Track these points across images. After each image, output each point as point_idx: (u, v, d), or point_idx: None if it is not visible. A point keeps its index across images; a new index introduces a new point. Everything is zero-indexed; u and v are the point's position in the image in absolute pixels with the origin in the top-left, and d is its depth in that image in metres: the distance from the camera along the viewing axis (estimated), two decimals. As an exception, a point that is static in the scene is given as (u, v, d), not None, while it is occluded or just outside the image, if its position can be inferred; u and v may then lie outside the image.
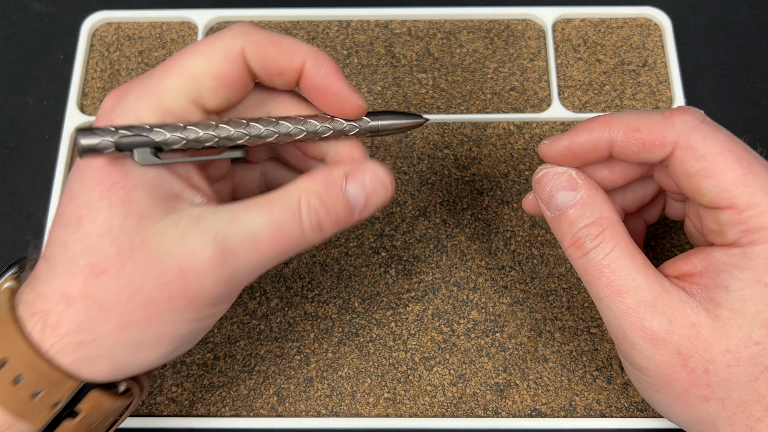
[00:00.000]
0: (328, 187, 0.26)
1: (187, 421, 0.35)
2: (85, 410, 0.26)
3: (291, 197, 0.26)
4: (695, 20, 0.44)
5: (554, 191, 0.29)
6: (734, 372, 0.26)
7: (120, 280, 0.24)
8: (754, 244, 0.26)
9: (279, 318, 0.37)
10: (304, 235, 0.26)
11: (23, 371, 0.25)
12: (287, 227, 0.26)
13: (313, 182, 0.26)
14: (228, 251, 0.25)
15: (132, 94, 0.26)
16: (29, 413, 0.25)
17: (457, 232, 0.39)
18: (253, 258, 0.25)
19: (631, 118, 0.28)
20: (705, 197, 0.27)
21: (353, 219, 0.27)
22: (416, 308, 0.37)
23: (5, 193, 0.41)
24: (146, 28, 0.45)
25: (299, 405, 0.35)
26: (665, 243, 0.38)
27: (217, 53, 0.26)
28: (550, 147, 0.29)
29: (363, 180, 0.27)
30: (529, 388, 0.35)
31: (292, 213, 0.26)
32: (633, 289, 0.27)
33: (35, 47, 0.44)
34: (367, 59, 0.43)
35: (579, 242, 0.28)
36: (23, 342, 0.25)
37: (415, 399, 0.35)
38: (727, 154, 0.26)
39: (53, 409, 0.25)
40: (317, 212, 0.26)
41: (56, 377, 0.25)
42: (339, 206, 0.27)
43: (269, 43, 0.27)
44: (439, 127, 0.41)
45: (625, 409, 0.35)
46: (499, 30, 0.44)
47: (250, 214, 0.25)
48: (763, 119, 0.42)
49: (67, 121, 0.42)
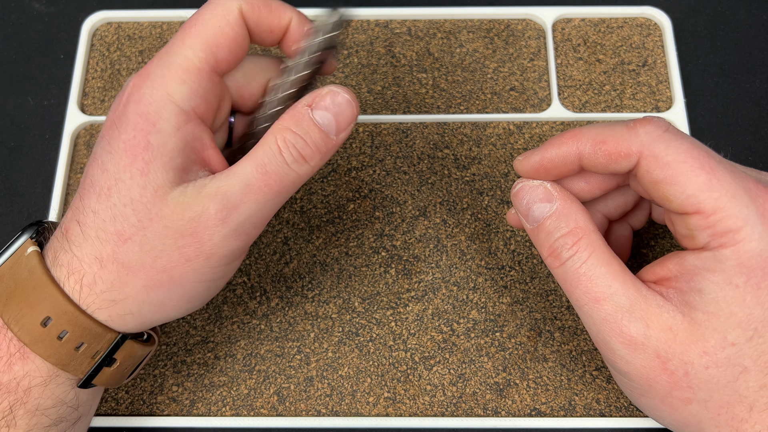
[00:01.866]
0: (297, 120, 0.28)
1: (187, 420, 0.35)
2: (120, 358, 0.30)
3: (269, 141, 0.28)
4: (695, 20, 0.44)
5: (531, 203, 0.30)
6: (713, 373, 0.27)
7: (143, 246, 0.27)
8: (723, 247, 0.26)
9: (279, 317, 0.37)
10: (292, 170, 0.28)
11: (67, 327, 0.27)
12: (273, 167, 0.28)
13: (283, 121, 0.28)
14: (229, 205, 0.27)
15: (156, 71, 0.28)
16: (73, 364, 0.28)
17: (457, 232, 0.39)
18: (252, 204, 0.28)
19: (598, 132, 0.29)
20: (673, 203, 0.27)
21: (332, 143, 0.29)
22: (416, 308, 0.37)
23: (5, 193, 0.41)
24: (146, 27, 0.45)
25: (299, 404, 0.35)
26: (665, 243, 0.38)
27: (223, 17, 0.29)
28: (524, 162, 0.31)
29: (325, 104, 0.28)
30: (528, 388, 0.35)
31: (273, 153, 0.28)
32: (610, 296, 0.28)
33: (35, 47, 0.44)
34: (367, 59, 0.43)
35: (556, 252, 0.29)
36: (65, 301, 0.27)
37: (415, 398, 0.35)
38: (690, 161, 0.27)
39: (94, 359, 0.29)
40: (295, 145, 0.28)
41: (98, 331, 0.28)
42: (313, 134, 0.28)
43: (262, 3, 0.30)
44: (439, 127, 0.41)
45: (624, 408, 0.35)
46: (499, 30, 0.44)
47: (240, 167, 0.28)
48: (763, 119, 0.42)
49: (67, 121, 0.42)
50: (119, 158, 0.27)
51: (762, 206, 0.26)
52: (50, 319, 0.27)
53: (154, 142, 0.27)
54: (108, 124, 0.29)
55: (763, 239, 0.26)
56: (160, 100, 0.28)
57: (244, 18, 0.29)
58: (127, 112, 0.28)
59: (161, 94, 0.28)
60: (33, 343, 0.27)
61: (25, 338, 0.27)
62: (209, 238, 0.27)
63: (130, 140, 0.27)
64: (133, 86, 0.28)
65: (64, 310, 0.27)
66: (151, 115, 0.28)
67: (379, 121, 0.41)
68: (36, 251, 0.29)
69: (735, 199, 0.26)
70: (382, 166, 0.40)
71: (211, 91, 0.29)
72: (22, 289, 0.28)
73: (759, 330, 0.26)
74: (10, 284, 0.28)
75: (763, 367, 0.26)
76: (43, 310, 0.27)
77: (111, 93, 0.43)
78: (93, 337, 0.28)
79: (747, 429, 0.27)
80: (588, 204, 0.33)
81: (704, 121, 0.42)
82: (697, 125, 0.41)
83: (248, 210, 0.28)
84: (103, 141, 0.28)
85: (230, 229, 0.28)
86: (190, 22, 0.29)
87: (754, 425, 0.27)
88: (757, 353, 0.26)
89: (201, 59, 0.28)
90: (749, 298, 0.26)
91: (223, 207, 0.27)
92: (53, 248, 0.29)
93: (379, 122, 0.41)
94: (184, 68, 0.28)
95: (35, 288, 0.28)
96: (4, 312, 0.28)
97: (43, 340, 0.27)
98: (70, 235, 0.28)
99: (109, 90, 0.43)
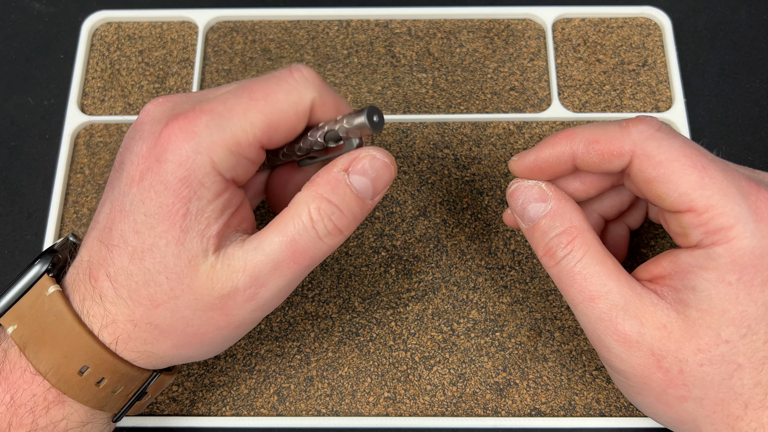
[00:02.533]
0: (334, 188, 0.27)
1: (187, 420, 0.35)
2: (151, 391, 0.30)
3: (300, 211, 0.27)
4: (695, 20, 0.44)
5: (526, 203, 0.30)
6: (708, 371, 0.27)
7: (174, 313, 0.27)
8: (715, 245, 0.26)
9: (279, 317, 0.37)
10: (324, 243, 0.27)
11: (105, 375, 0.28)
12: (304, 242, 0.27)
13: (317, 188, 0.27)
14: (257, 282, 0.27)
15: (205, 133, 0.26)
16: (109, 405, 0.29)
17: (457, 232, 0.39)
18: (281, 280, 0.27)
19: (591, 131, 0.29)
20: (665, 202, 0.27)
21: (367, 208, 0.28)
22: (416, 308, 0.37)
23: (5, 193, 0.41)
24: (146, 27, 0.45)
25: (299, 404, 0.35)
26: (665, 243, 0.38)
27: (294, 105, 0.28)
28: (518, 162, 0.31)
29: (364, 167, 0.28)
30: (528, 388, 0.35)
31: (305, 227, 0.27)
32: (604, 294, 0.28)
33: (35, 47, 0.44)
34: (367, 59, 0.43)
35: (551, 251, 0.29)
36: (103, 350, 0.27)
37: (415, 398, 0.35)
38: (682, 159, 0.27)
39: (128, 397, 0.29)
40: (331, 217, 0.27)
41: (135, 374, 0.29)
42: (350, 202, 0.27)
43: (332, 103, 0.29)
44: (439, 127, 0.41)
45: (624, 408, 0.35)
46: (499, 30, 0.44)
47: (267, 240, 0.27)
48: (762, 119, 0.42)
49: (67, 121, 0.42)
50: (156, 223, 0.26)
51: (754, 204, 0.26)
52: (87, 368, 0.27)
53: (193, 210, 0.26)
54: (136, 171, 0.27)
55: (756, 236, 0.26)
56: (203, 167, 0.26)
57: (312, 110, 0.28)
58: (164, 173, 0.26)
59: (206, 160, 0.26)
60: (71, 392, 0.28)
61: (63, 387, 0.27)
62: (238, 311, 0.28)
63: (169, 206, 0.26)
64: (175, 140, 0.26)
65: (102, 359, 0.27)
66: (194, 183, 0.26)
67: (379, 121, 0.41)
68: (58, 291, 0.28)
69: (727, 196, 0.26)
70: (382, 166, 0.40)
71: (255, 163, 0.28)
72: (51, 336, 0.27)
73: (752, 327, 0.26)
74: (35, 328, 0.28)
75: (758, 364, 0.27)
76: (80, 360, 0.27)
77: (111, 93, 0.43)
78: (130, 380, 0.29)
79: (743, 426, 0.27)
80: (584, 204, 0.33)
81: (704, 121, 0.42)
82: (697, 125, 0.41)
83: (276, 287, 0.27)
84: (133, 191, 0.27)
85: (258, 305, 0.28)
86: (261, 91, 0.27)
87: (750, 422, 0.27)
88: (751, 350, 0.26)
89: (256, 137, 0.27)
90: (742, 296, 0.26)
91: (251, 284, 0.27)
92: (80, 293, 0.28)
93: (379, 122, 0.41)
94: (237, 141, 0.27)
95: (68, 336, 0.27)
96: (38, 362, 0.27)
97: (82, 388, 0.28)
98: (100, 288, 0.27)
99: (109, 90, 0.43)
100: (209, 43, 0.44)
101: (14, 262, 0.39)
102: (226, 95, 0.28)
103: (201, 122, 0.27)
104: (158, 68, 0.43)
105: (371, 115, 0.27)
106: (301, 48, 0.43)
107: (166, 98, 0.29)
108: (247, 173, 0.28)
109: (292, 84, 0.28)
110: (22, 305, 0.28)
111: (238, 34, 0.44)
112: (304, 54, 0.43)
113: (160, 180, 0.26)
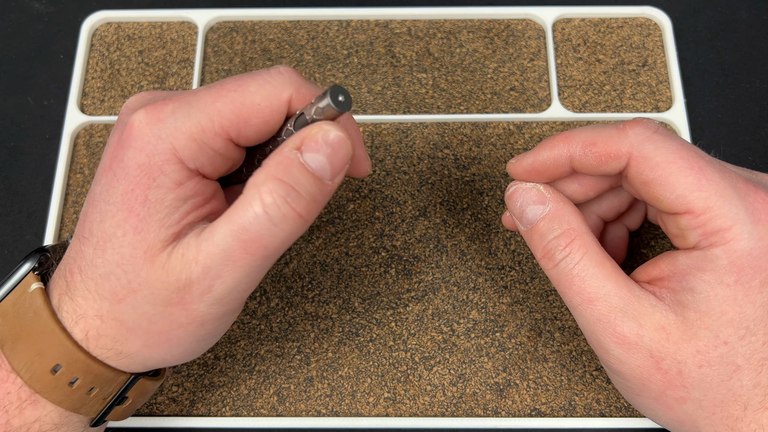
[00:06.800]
0: (286, 168, 0.24)
1: (187, 420, 0.35)
2: (132, 396, 0.29)
3: (251, 197, 0.24)
4: (695, 20, 0.44)
5: (524, 206, 0.30)
6: (707, 372, 0.27)
7: (135, 309, 0.26)
8: (713, 246, 0.26)
9: (279, 318, 0.37)
10: (280, 229, 0.24)
11: (78, 374, 0.27)
12: (256, 230, 0.24)
13: (268, 168, 0.25)
14: (210, 274, 0.25)
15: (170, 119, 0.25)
16: (85, 407, 0.28)
17: (457, 232, 0.39)
18: (236, 272, 0.25)
19: (588, 134, 0.29)
20: (663, 204, 0.27)
21: (327, 189, 0.25)
22: (416, 308, 0.37)
23: (5, 193, 0.41)
24: (146, 27, 0.45)
25: (299, 405, 0.35)
26: (665, 244, 0.38)
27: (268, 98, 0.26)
28: (516, 165, 0.31)
29: (317, 144, 0.25)
30: (528, 388, 0.35)
31: (256, 214, 0.24)
32: (603, 296, 0.28)
33: (35, 47, 0.44)
34: (367, 59, 0.43)
35: (549, 253, 0.29)
36: (75, 348, 0.27)
37: (415, 399, 0.35)
38: (679, 161, 0.27)
39: (105, 401, 0.28)
40: (286, 199, 0.24)
41: (110, 376, 0.27)
42: (306, 182, 0.25)
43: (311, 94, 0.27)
44: (439, 127, 0.41)
45: (624, 408, 0.35)
46: (499, 30, 0.44)
47: (217, 230, 0.25)
48: (763, 119, 0.42)
49: (67, 121, 0.42)
50: (116, 211, 0.25)
51: (751, 205, 0.26)
52: (60, 366, 0.27)
53: (152, 198, 0.25)
54: (107, 160, 0.26)
55: (753, 238, 0.26)
56: (163, 154, 0.25)
57: (289, 106, 0.26)
58: (126, 159, 0.25)
59: (167, 147, 0.25)
60: (44, 391, 0.27)
61: (35, 386, 0.27)
62: (196, 307, 0.26)
63: (128, 193, 0.25)
64: (139, 125, 0.25)
65: (74, 357, 0.27)
66: (153, 169, 0.25)
67: (379, 121, 0.41)
68: (40, 288, 0.27)
69: (724, 198, 0.26)
70: (382, 166, 0.40)
71: (222, 156, 0.26)
72: (28, 333, 0.27)
73: (751, 328, 0.26)
74: (15, 325, 0.27)
75: (756, 366, 0.27)
76: (53, 357, 0.27)
77: (110, 93, 0.43)
78: (105, 382, 0.28)
79: (742, 427, 0.27)
80: (582, 206, 0.33)
81: (704, 121, 0.42)
82: (697, 125, 0.41)
83: (233, 279, 0.25)
84: (102, 181, 0.26)
85: (216, 298, 0.26)
86: (234, 83, 0.26)
87: (749, 424, 0.27)
88: (750, 351, 0.26)
89: (223, 127, 0.25)
90: (740, 297, 0.26)
91: (204, 275, 0.25)
92: (58, 289, 0.27)
93: (379, 122, 0.41)
94: (201, 128, 0.25)
95: (42, 333, 0.27)
96: (13, 358, 0.27)
97: (54, 387, 0.27)
98: (74, 282, 0.27)
99: (109, 90, 0.43)
100: (209, 44, 0.44)
101: (14, 262, 0.39)
102: (200, 88, 0.27)
103: (167, 109, 0.25)
104: (158, 68, 0.43)
105: (335, 94, 0.25)
106: (301, 48, 0.43)
107: (148, 92, 0.28)
108: (214, 165, 0.26)
109: (267, 78, 0.26)
110: (6, 303, 0.28)
111: (238, 34, 0.44)
112: (303, 54, 0.43)
113: (122, 166, 0.25)
